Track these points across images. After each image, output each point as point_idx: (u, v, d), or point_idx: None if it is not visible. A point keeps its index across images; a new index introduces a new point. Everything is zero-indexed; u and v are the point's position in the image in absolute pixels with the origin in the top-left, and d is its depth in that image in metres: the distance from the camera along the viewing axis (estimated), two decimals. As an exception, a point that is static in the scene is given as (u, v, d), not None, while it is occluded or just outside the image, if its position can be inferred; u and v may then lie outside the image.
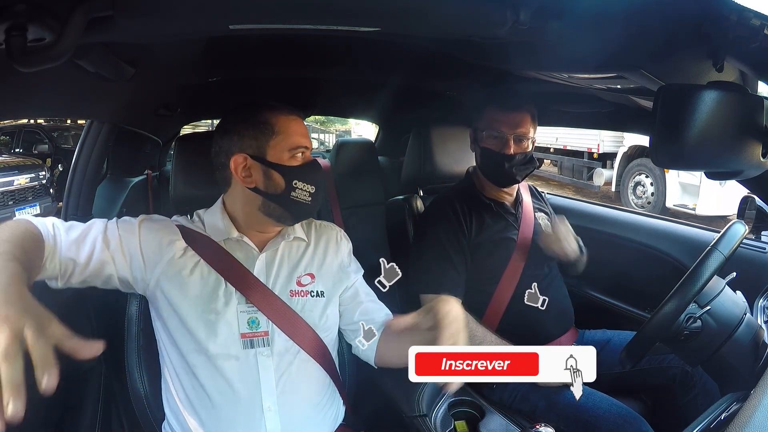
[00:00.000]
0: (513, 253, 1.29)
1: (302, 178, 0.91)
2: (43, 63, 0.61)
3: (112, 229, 0.89)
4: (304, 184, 0.91)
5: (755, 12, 0.55)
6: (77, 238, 0.85)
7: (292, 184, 0.90)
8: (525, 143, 1.27)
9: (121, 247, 0.88)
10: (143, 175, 2.11)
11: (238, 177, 0.91)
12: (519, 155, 1.26)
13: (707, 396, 1.13)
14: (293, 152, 0.91)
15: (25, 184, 5.27)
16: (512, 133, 1.26)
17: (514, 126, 1.26)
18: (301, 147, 0.92)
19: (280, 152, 0.91)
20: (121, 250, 0.88)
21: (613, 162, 6.62)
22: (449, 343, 0.73)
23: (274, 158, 0.91)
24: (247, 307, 0.91)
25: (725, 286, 0.91)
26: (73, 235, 0.85)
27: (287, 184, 0.90)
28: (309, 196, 0.92)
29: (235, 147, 0.91)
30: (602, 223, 1.70)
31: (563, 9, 0.70)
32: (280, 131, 0.91)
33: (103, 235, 0.87)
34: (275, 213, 0.93)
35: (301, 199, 0.91)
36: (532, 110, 1.28)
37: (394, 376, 0.98)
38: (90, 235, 0.87)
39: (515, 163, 1.26)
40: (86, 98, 1.21)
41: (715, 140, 0.65)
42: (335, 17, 0.78)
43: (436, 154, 1.52)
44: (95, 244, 0.86)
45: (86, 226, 0.89)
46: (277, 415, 0.89)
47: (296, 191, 0.91)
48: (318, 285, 0.97)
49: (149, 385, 0.99)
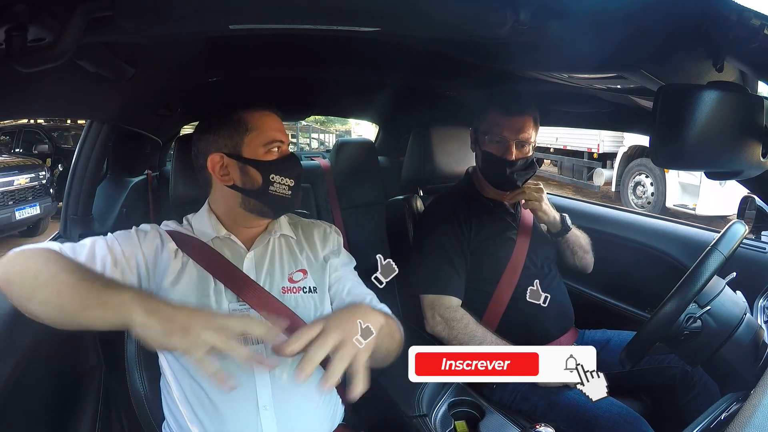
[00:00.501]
0: (512, 253, 1.29)
1: (279, 172, 0.92)
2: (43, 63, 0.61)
3: (114, 245, 0.90)
4: (282, 178, 0.92)
5: (755, 12, 0.55)
6: (86, 260, 0.86)
7: (269, 178, 0.92)
8: (527, 148, 1.27)
9: (127, 263, 0.89)
10: (143, 175, 2.11)
11: (216, 176, 0.93)
12: (520, 160, 1.26)
13: (707, 396, 1.13)
14: (268, 147, 0.93)
15: (25, 184, 5.26)
16: (514, 138, 1.24)
17: (516, 131, 1.24)
18: (277, 141, 0.93)
19: (255, 148, 0.92)
20: (128, 266, 0.89)
21: (613, 162, 6.61)
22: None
23: (250, 154, 0.92)
24: (239, 305, 0.91)
25: (725, 286, 0.91)
26: (81, 257, 0.86)
27: (264, 179, 0.92)
28: (288, 190, 0.93)
29: (212, 146, 0.93)
30: (602, 223, 1.70)
31: (563, 9, 0.70)
32: (255, 127, 0.92)
33: (111, 255, 0.88)
34: (256, 208, 0.94)
35: (279, 193, 0.92)
36: (534, 114, 1.27)
37: (395, 375, 0.98)
38: (98, 255, 0.87)
39: (516, 168, 1.26)
40: (86, 98, 1.21)
41: (715, 140, 0.65)
42: (335, 17, 0.78)
43: (436, 154, 1.52)
44: (105, 263, 0.87)
45: (89, 246, 0.89)
46: (273, 413, 0.88)
47: (274, 185, 0.92)
48: (310, 281, 0.97)
49: (149, 385, 0.99)
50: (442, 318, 1.20)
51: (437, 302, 1.22)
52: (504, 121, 1.25)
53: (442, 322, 1.20)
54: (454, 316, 1.19)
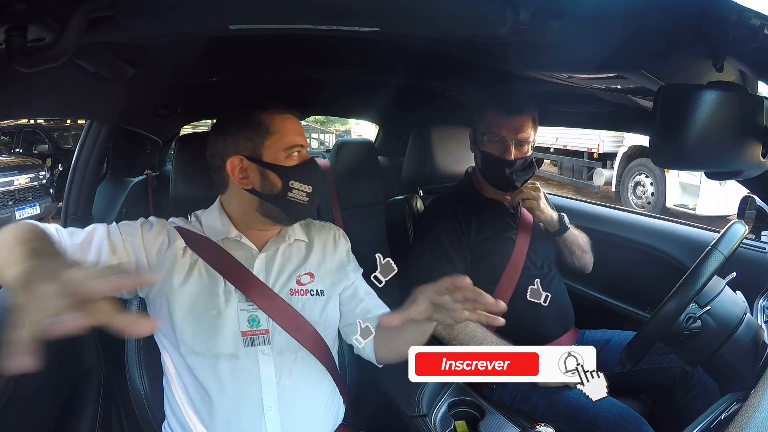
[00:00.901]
0: (512, 253, 1.29)
1: (299, 178, 0.91)
2: (43, 63, 0.62)
3: (114, 233, 0.89)
4: (301, 184, 0.90)
5: (755, 12, 0.55)
6: (81, 243, 0.85)
7: (289, 184, 0.90)
8: (525, 148, 1.27)
9: (126, 251, 0.88)
10: (143, 175, 2.11)
11: (235, 179, 0.91)
12: (519, 161, 1.25)
13: (707, 396, 1.13)
14: (289, 151, 0.91)
15: (25, 184, 5.27)
16: (513, 138, 1.24)
17: (515, 131, 1.24)
18: (297, 146, 0.92)
19: (275, 152, 0.90)
20: (126, 255, 0.88)
21: (613, 162, 6.61)
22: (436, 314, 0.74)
23: (270, 158, 0.90)
24: (247, 305, 0.91)
25: (725, 286, 0.91)
26: (76, 240, 0.85)
27: (284, 185, 0.90)
28: (306, 196, 0.91)
29: (231, 149, 0.91)
30: (602, 223, 1.70)
31: (563, 9, 0.71)
32: (275, 131, 0.91)
33: (108, 240, 0.87)
34: (272, 213, 0.93)
35: (298, 199, 0.91)
36: (533, 113, 1.27)
37: (395, 375, 0.98)
38: (94, 240, 0.86)
39: (516, 168, 1.26)
40: (86, 98, 1.21)
41: (715, 140, 0.65)
42: (335, 17, 0.78)
43: (436, 154, 1.52)
44: (101, 249, 0.86)
45: (88, 231, 0.88)
46: (277, 414, 0.89)
47: (293, 191, 0.90)
48: (317, 284, 0.97)
49: (149, 385, 0.99)
50: (442, 318, 1.20)
51: (437, 302, 1.22)
52: (502, 121, 1.25)
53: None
54: (454, 316, 1.19)
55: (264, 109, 0.92)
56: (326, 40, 1.06)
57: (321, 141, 13.62)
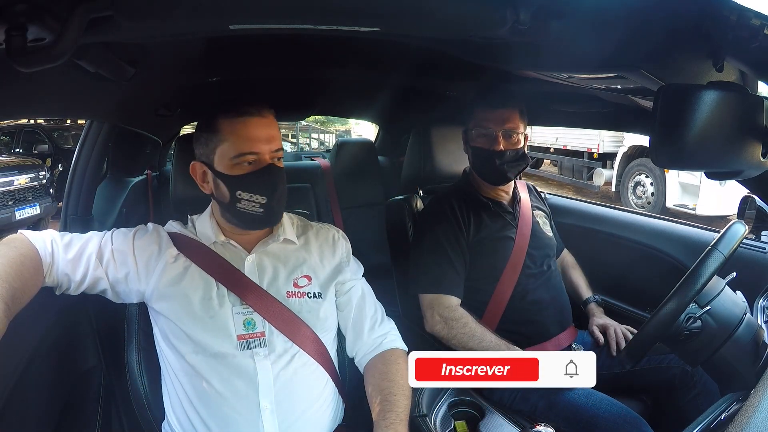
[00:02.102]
0: (512, 252, 1.29)
1: (247, 188, 0.87)
2: (43, 63, 0.61)
3: (106, 245, 0.91)
4: (251, 195, 0.87)
5: (755, 12, 0.55)
6: (74, 257, 0.87)
7: (236, 194, 0.87)
8: (515, 138, 1.28)
9: (115, 263, 0.90)
10: (143, 175, 2.11)
11: (199, 183, 0.93)
12: (509, 151, 1.27)
13: (707, 396, 1.13)
14: (237, 160, 0.87)
15: (25, 184, 5.27)
16: (500, 129, 1.26)
17: (501, 122, 1.26)
18: (247, 154, 0.87)
19: (225, 161, 0.88)
20: (115, 266, 0.90)
21: (613, 162, 6.62)
22: None
23: (220, 167, 0.89)
24: (242, 308, 0.91)
25: (725, 286, 0.91)
26: (70, 254, 0.87)
27: (231, 195, 0.88)
28: (260, 207, 0.88)
29: (195, 154, 0.93)
30: (602, 223, 1.70)
31: (563, 9, 0.70)
32: (226, 138, 0.88)
33: (98, 253, 0.89)
34: (233, 221, 0.93)
35: (249, 210, 0.88)
36: (519, 106, 1.29)
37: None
38: (86, 253, 0.89)
39: (506, 159, 1.27)
40: (86, 98, 1.21)
41: (715, 140, 0.65)
42: (335, 17, 0.78)
43: (436, 154, 1.53)
44: (89, 262, 0.88)
45: (83, 242, 0.90)
46: (274, 414, 0.89)
47: (241, 202, 0.87)
48: (315, 286, 0.97)
49: (149, 385, 0.99)
50: (441, 317, 1.20)
51: (436, 302, 1.22)
52: (489, 115, 1.28)
53: (441, 322, 1.20)
54: (454, 316, 1.19)
55: (225, 113, 0.89)
56: (326, 40, 1.06)
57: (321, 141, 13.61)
